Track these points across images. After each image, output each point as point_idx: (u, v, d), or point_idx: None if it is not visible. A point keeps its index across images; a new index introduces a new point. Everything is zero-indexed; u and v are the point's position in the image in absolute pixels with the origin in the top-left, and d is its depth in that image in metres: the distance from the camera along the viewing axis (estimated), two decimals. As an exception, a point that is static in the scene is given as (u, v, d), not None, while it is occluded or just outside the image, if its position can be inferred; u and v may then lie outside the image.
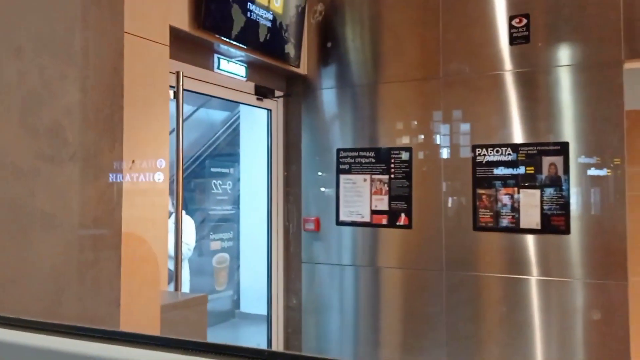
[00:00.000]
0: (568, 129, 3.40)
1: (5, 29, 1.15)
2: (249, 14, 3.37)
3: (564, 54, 3.45)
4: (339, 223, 4.02)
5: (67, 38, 1.30)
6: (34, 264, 1.21)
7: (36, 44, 1.21)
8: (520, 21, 3.52)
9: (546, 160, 3.43)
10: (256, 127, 4.38)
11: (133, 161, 2.40)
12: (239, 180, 5.15)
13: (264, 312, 4.23)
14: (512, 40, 3.54)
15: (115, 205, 1.42)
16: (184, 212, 3.50)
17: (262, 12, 3.48)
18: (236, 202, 5.26)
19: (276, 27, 3.62)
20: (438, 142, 3.73)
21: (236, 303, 5.14)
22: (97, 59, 1.37)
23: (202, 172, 5.75)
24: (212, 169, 5.69)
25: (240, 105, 4.45)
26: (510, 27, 3.53)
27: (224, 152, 6.03)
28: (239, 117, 5.39)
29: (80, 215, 1.34)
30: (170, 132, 2.93)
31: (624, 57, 3.27)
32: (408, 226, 3.79)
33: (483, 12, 3.63)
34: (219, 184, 5.42)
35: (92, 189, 1.36)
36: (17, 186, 1.18)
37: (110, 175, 1.38)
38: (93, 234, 1.37)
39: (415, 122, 3.82)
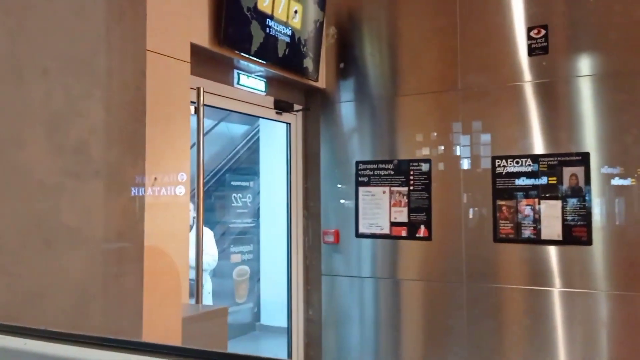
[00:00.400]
0: (589, 139, 3.38)
1: (32, 51, 1.19)
2: (268, 30, 3.42)
3: (584, 64, 3.43)
4: (359, 235, 4.03)
5: (91, 58, 1.34)
6: (60, 277, 1.25)
7: (61, 64, 1.26)
8: (539, 32, 3.52)
9: (567, 171, 3.41)
10: (275, 141, 4.43)
11: (155, 178, 2.45)
12: (258, 193, 5.19)
13: (284, 324, 4.24)
14: (531, 52, 3.53)
15: (138, 220, 1.46)
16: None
17: (280, 27, 3.53)
18: (256, 215, 5.30)
19: (295, 42, 3.67)
20: (457, 154, 3.73)
21: (256, 315, 5.16)
22: (121, 78, 1.41)
23: (222, 186, 5.81)
24: (232, 183, 5.75)
25: (260, 119, 4.50)
26: (529, 38, 3.53)
27: (244, 165, 6.09)
28: (258, 131, 5.44)
29: (105, 230, 1.37)
30: (191, 147, 2.99)
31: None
32: (428, 238, 3.78)
33: (501, 24, 3.63)
34: (239, 197, 5.47)
35: (116, 204, 1.40)
36: (44, 202, 1.22)
37: (133, 190, 1.42)
38: (117, 248, 1.40)
39: (434, 134, 3.82)
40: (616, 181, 3.29)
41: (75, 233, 1.28)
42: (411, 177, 3.86)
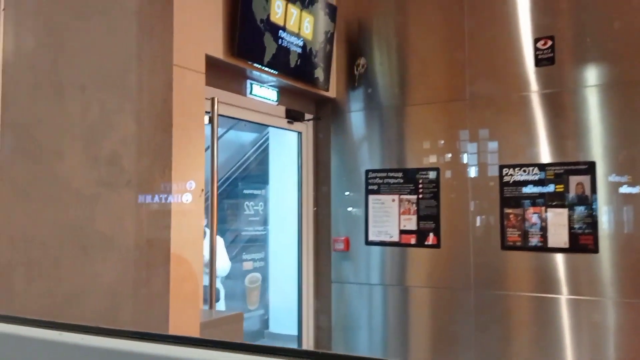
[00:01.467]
0: (596, 148, 3.43)
1: (72, 68, 1.27)
2: (280, 41, 3.50)
3: (591, 74, 3.49)
4: (368, 243, 4.09)
5: (123, 73, 1.42)
6: (95, 281, 1.32)
7: (97, 80, 1.33)
8: (545, 43, 3.58)
9: (573, 180, 3.46)
10: (285, 149, 4.49)
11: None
12: (268, 201, 5.25)
13: (293, 332, 4.28)
14: (538, 62, 3.59)
15: (165, 227, 1.53)
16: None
17: (292, 39, 3.61)
18: (267, 223, 5.35)
19: (306, 53, 3.75)
20: (465, 162, 3.79)
21: (265, 323, 5.20)
22: (150, 92, 1.49)
23: (232, 193, 5.87)
24: (242, 190, 5.80)
25: (269, 127, 4.57)
26: (536, 49, 3.60)
27: (253, 173, 6.15)
28: (267, 139, 5.50)
29: (135, 237, 1.44)
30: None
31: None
32: (436, 245, 3.84)
33: (508, 35, 3.70)
34: (250, 204, 5.52)
35: (145, 212, 1.47)
36: (80, 210, 1.29)
37: (161, 198, 1.49)
38: (146, 254, 1.47)
39: (442, 143, 3.88)
40: (624, 189, 3.33)
41: (108, 240, 1.35)
42: (420, 186, 3.92)
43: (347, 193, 4.22)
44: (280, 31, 3.50)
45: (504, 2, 3.72)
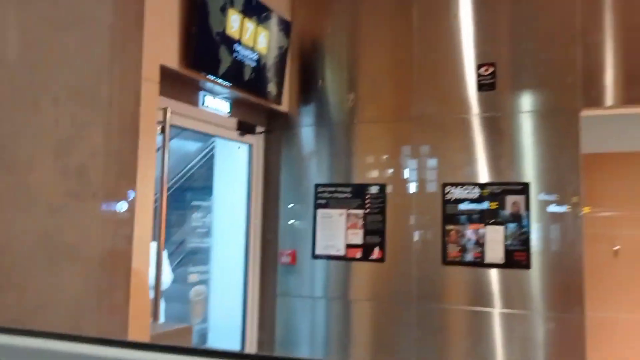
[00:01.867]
0: (529, 170, 3.65)
1: (46, 80, 1.29)
2: (235, 55, 3.54)
3: (527, 101, 3.71)
4: (315, 256, 4.16)
5: (94, 87, 1.44)
6: (60, 291, 1.33)
7: (69, 93, 1.36)
8: (487, 69, 3.79)
9: (509, 199, 3.66)
10: (231, 159, 4.45)
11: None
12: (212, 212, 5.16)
13: (235, 347, 4.19)
14: (480, 87, 3.80)
15: (127, 238, 1.55)
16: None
17: (247, 52, 3.66)
18: (211, 235, 5.26)
19: (260, 67, 3.81)
20: (409, 179, 3.93)
21: (203, 339, 5.03)
22: (119, 105, 1.51)
23: (175, 203, 5.78)
24: (186, 201, 5.72)
25: (216, 137, 4.51)
26: (478, 75, 3.80)
27: (197, 183, 6.07)
28: (213, 148, 5.42)
29: (100, 248, 1.46)
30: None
31: (581, 104, 3.55)
32: (381, 259, 3.96)
33: (453, 60, 3.89)
34: (193, 215, 5.45)
35: (110, 223, 1.49)
36: (49, 221, 1.30)
37: (125, 210, 1.51)
38: (109, 265, 1.49)
39: (389, 160, 4.02)
40: (552, 208, 3.57)
41: (74, 251, 1.37)
42: (367, 201, 4.04)
43: (293, 206, 4.28)
44: (236, 44, 3.55)
45: (451, 29, 3.91)
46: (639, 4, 3.49)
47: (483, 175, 3.75)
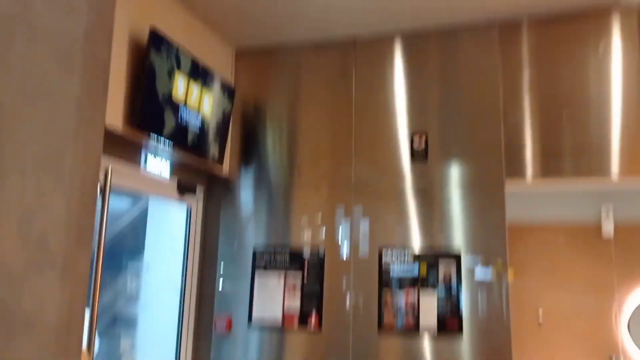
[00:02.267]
0: (459, 238, 3.83)
1: (15, 151, 1.30)
2: (180, 117, 3.58)
3: (455, 172, 3.94)
4: (251, 324, 4.11)
5: (59, 156, 1.45)
6: (13, 367, 1.29)
7: (35, 162, 1.36)
8: (420, 138, 4.01)
9: (442, 266, 3.81)
10: (165, 219, 4.38)
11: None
12: (140, 275, 4.96)
13: None
14: (413, 155, 4.00)
15: (83, 308, 1.53)
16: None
17: (192, 116, 3.70)
18: (138, 300, 5.03)
19: (204, 130, 3.85)
20: (345, 243, 4.02)
21: None
22: (80, 174, 1.52)
23: (107, 265, 5.53)
24: (110, 261, 5.48)
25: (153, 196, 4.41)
26: (411, 143, 4.01)
27: (129, 243, 5.86)
28: (144, 206, 5.27)
29: (56, 318, 1.43)
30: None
31: (505, 175, 3.82)
32: (318, 325, 3.97)
33: (389, 129, 4.09)
34: (119, 279, 5.21)
35: (65, 294, 1.47)
36: (9, 291, 1.28)
37: (80, 280, 1.50)
38: (64, 336, 1.46)
39: (326, 224, 4.10)
40: (480, 275, 3.75)
41: (31, 322, 1.34)
42: (306, 265, 4.08)
43: (234, 271, 4.24)
44: (181, 107, 3.59)
45: (386, 100, 4.13)
46: (552, 88, 3.86)
47: (417, 243, 3.90)
